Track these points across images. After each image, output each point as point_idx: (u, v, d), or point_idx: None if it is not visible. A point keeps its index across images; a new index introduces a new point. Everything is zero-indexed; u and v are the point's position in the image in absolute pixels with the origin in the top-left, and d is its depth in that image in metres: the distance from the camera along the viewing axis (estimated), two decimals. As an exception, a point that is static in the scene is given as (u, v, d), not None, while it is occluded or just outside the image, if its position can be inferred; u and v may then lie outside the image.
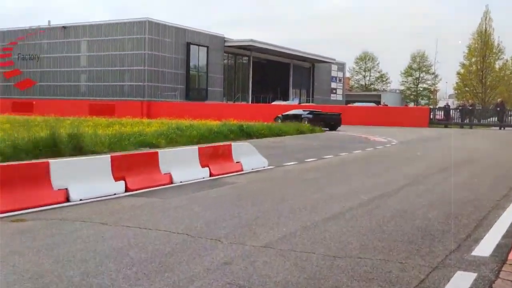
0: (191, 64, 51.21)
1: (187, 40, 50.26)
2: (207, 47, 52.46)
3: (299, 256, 4.82)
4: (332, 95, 76.56)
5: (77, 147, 14.33)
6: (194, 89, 51.64)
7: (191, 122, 27.84)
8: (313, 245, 5.22)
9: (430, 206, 7.47)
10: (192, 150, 10.38)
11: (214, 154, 10.82)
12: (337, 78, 77.53)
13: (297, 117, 31.34)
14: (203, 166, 10.34)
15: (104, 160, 8.36)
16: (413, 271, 4.47)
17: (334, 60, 71.90)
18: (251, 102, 58.89)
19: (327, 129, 30.22)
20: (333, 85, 77.00)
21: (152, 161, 9.27)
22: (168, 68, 48.75)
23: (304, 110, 33.22)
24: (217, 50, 54.12)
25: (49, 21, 53.21)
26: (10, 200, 6.73)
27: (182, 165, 9.81)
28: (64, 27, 50.86)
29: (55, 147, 13.74)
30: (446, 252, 5.06)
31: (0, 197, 6.64)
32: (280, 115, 33.65)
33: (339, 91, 78.38)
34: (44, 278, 4.16)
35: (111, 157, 8.45)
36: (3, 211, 6.54)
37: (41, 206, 6.96)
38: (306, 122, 29.55)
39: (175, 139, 18.55)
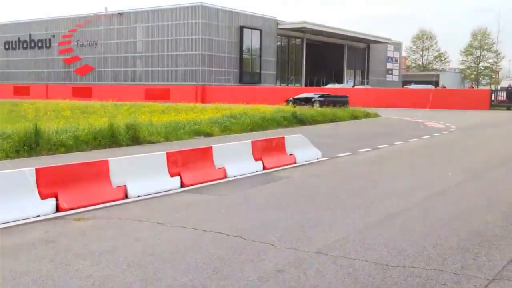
0: (244, 47, 51.36)
1: (240, 23, 50.36)
2: (260, 30, 52.40)
3: (351, 264, 4.86)
4: (388, 76, 75.02)
5: (134, 138, 14.79)
6: (247, 73, 51.83)
7: (244, 108, 28.05)
8: (366, 251, 5.23)
9: (489, 206, 7.30)
10: (246, 144, 10.48)
11: (268, 147, 10.89)
12: (393, 59, 75.79)
13: (308, 100, 33.31)
14: (256, 160, 10.44)
15: (160, 156, 8.59)
16: (468, 284, 4.42)
17: (390, 40, 70.26)
18: (305, 85, 58.55)
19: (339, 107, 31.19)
20: (389, 65, 75.37)
21: (206, 156, 9.45)
22: (222, 53, 49.07)
23: (315, 94, 35.29)
24: (270, 33, 53.97)
25: (106, 8, 54.57)
26: (74, 198, 7.06)
27: (235, 159, 9.95)
28: (120, 14, 51.97)
29: (113, 138, 14.22)
30: (504, 262, 4.96)
31: (64, 196, 6.98)
32: (291, 98, 34.98)
33: (395, 72, 76.67)
34: (105, 285, 4.38)
35: (167, 153, 8.67)
36: (67, 209, 6.88)
37: (102, 203, 7.26)
38: (317, 105, 31.52)
39: (228, 127, 18.78)
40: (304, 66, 60.23)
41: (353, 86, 54.23)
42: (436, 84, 72.08)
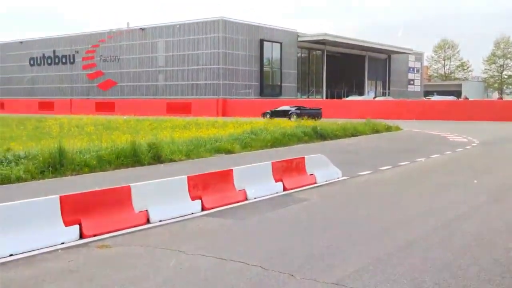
0: (265, 60, 51.65)
1: (260, 37, 50.65)
2: (281, 43, 52.63)
3: (370, 297, 4.86)
4: (409, 86, 74.59)
5: (156, 156, 14.95)
6: (268, 86, 52.04)
7: (265, 122, 28.13)
8: (385, 283, 5.22)
9: (509, 232, 7.21)
10: (266, 165, 10.53)
11: (288, 168, 10.93)
12: (415, 69, 75.35)
13: (285, 113, 35.84)
14: (276, 181, 10.48)
15: (181, 181, 8.68)
16: (488, 320, 4.39)
17: (411, 50, 69.89)
18: (326, 97, 58.52)
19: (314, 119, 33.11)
20: (411, 76, 74.93)
21: (227, 179, 9.52)
22: (242, 66, 49.37)
23: (291, 107, 37.59)
24: (290, 45, 54.16)
25: (128, 23, 55.43)
26: (97, 225, 7.18)
27: (256, 180, 10.00)
28: (142, 29, 52.72)
29: (135, 157, 14.41)
30: (525, 295, 4.91)
31: (88, 222, 7.11)
32: (269, 111, 37.63)
33: (417, 82, 76.19)
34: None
35: (188, 177, 8.76)
36: (90, 235, 7.00)
37: (124, 229, 7.37)
38: (294, 117, 33.93)
39: (249, 143, 18.85)
40: (325, 78, 60.22)
41: (374, 98, 54.06)
42: (459, 94, 71.37)
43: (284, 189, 10.43)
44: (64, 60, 59.16)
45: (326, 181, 11.50)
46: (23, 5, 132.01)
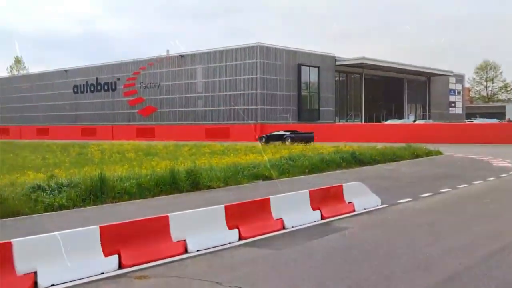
0: (302, 85, 51.74)
1: (297, 61, 50.89)
2: (318, 67, 52.72)
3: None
4: (450, 108, 73.26)
5: (194, 183, 15.08)
6: (305, 110, 52.04)
7: (303, 147, 28.11)
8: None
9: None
10: (303, 194, 10.48)
11: (325, 196, 10.85)
12: (456, 91, 74.04)
13: (280, 137, 37.86)
14: (314, 209, 10.41)
15: (218, 210, 8.72)
16: None
17: (452, 72, 68.86)
18: (364, 121, 58.04)
19: (303, 143, 35.02)
20: (452, 98, 73.63)
21: (264, 208, 9.52)
22: (280, 90, 49.60)
23: (285, 131, 39.49)
24: (328, 69, 54.21)
25: (167, 51, 56.62)
26: (135, 255, 7.26)
27: (293, 209, 9.96)
28: (181, 56, 53.75)
29: (174, 184, 14.58)
30: None
31: (126, 252, 7.20)
32: (264, 135, 39.81)
33: (458, 104, 74.77)
34: None
35: (225, 207, 8.78)
36: (129, 265, 7.08)
37: (162, 258, 7.43)
38: (289, 141, 36.47)
39: (287, 170, 18.81)
40: (363, 101, 59.83)
41: (414, 121, 53.32)
42: (502, 116, 69.65)
43: (322, 217, 10.34)
44: (106, 87, 60.74)
45: (364, 209, 11.35)
46: (66, 35, 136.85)
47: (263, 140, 38.59)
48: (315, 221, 10.10)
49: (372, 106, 61.55)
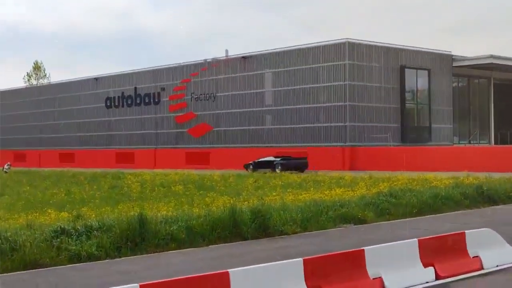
0: (407, 94, 51.19)
1: (400, 63, 50.52)
2: (429, 70, 52.07)
3: None
4: None
5: (262, 227, 15.20)
6: (412, 128, 51.42)
7: (408, 178, 27.70)
8: None
9: None
10: (410, 244, 10.37)
11: (441, 248, 10.69)
12: None
13: (269, 164, 42.52)
14: (425, 265, 10.27)
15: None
16: None
17: None
18: (494, 142, 56.54)
19: (296, 171, 39.23)
20: None
21: (356, 263, 9.49)
22: (376, 102, 49.31)
23: (276, 157, 44.01)
24: (442, 73, 53.46)
25: (226, 51, 57.66)
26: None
27: (396, 265, 9.89)
28: (244, 57, 54.57)
29: (235, 228, 14.75)
30: None
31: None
32: (251, 162, 44.03)
33: None
34: None
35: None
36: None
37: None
38: (279, 168, 41.27)
39: (387, 209, 18.64)
40: (492, 116, 58.31)
41: None
42: None
43: (437, 277, 10.21)
44: (147, 100, 62.34)
45: (497, 266, 11.08)
46: (95, 33, 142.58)
47: (250, 167, 43.41)
48: (427, 282, 10.01)
49: (505, 122, 59.83)
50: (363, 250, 9.70)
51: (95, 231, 13.09)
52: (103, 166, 56.62)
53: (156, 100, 61.44)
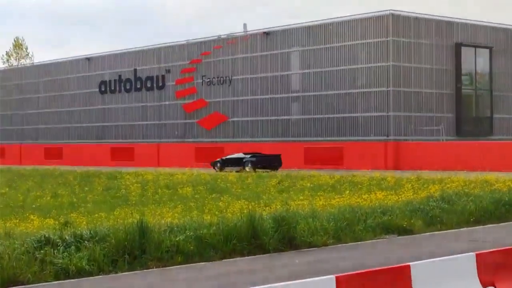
0: (464, 78, 50.84)
1: (455, 39, 50.20)
2: (490, 48, 51.66)
3: None
4: None
5: (286, 238, 15.19)
6: (469, 119, 51.17)
7: (465, 180, 27.54)
8: None
9: None
10: (466, 260, 10.33)
11: (504, 264, 10.64)
12: None
13: (238, 161, 45.94)
14: (485, 285, 10.24)
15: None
16: None
17: None
18: None
19: (268, 170, 42.48)
20: None
21: (400, 281, 9.47)
22: (426, 87, 49.08)
23: (245, 153, 47.25)
24: (507, 52, 52.94)
25: (244, 25, 57.62)
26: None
27: (450, 283, 9.86)
28: (266, 33, 54.45)
29: (254, 239, 14.75)
30: None
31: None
32: (219, 159, 47.65)
33: None
34: None
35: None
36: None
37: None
38: (249, 166, 44.67)
39: (438, 217, 18.57)
40: None
41: None
42: None
43: (501, 299, 10.16)
44: (149, 84, 62.28)
45: None
46: (88, 5, 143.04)
47: (218, 165, 46.90)
48: (488, 305, 9.95)
49: None
50: (409, 265, 9.66)
51: (86, 242, 13.10)
52: (97, 163, 56.78)
53: (160, 85, 61.46)
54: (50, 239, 12.97)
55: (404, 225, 17.42)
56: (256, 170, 43.22)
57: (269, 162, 45.56)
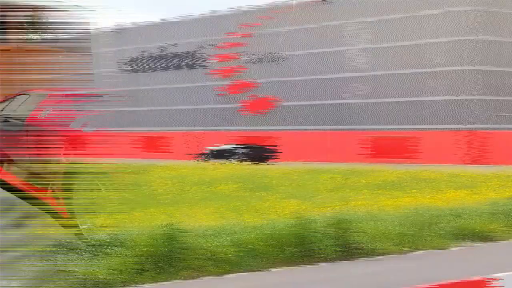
0: None
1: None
2: None
3: None
4: None
5: (344, 244, 15.30)
6: None
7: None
8: None
9: None
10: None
11: None
12: None
13: (225, 153, 47.57)
14: None
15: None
16: None
17: None
18: None
19: (262, 163, 43.82)
20: None
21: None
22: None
23: (234, 144, 49.00)
24: None
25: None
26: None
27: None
28: (324, 0, 54.34)
29: (305, 245, 14.89)
30: None
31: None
32: (206, 151, 49.35)
33: None
34: None
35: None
36: None
37: None
38: (236, 157, 46.19)
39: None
40: None
41: None
42: None
43: None
44: (182, 62, 62.61)
45: None
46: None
47: (202, 157, 49.02)
48: None
49: None
50: (492, 278, 9.73)
51: (105, 247, 13.31)
52: (121, 155, 57.08)
53: (198, 62, 61.62)
54: (63, 244, 13.21)
55: (486, 230, 17.45)
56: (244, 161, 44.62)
57: (260, 154, 46.94)
